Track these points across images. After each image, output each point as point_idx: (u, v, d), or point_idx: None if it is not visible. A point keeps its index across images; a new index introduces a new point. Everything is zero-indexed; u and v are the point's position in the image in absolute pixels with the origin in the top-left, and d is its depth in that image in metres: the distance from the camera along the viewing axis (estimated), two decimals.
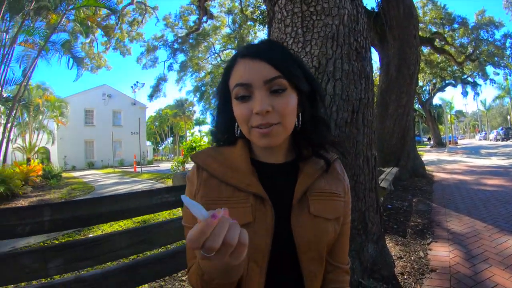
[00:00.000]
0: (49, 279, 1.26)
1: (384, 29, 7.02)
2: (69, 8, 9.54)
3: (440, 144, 29.78)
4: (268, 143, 0.68)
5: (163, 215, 4.36)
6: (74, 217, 1.25)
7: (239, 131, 0.75)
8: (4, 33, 8.52)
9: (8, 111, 9.34)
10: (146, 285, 2.44)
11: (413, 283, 2.24)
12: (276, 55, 0.69)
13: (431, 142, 33.88)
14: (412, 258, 2.70)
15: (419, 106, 31.45)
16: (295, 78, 0.70)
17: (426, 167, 9.11)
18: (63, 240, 3.71)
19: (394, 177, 5.50)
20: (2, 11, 7.67)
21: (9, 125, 9.32)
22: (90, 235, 3.82)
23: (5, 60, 8.51)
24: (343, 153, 0.89)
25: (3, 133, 9.01)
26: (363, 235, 2.01)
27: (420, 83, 27.41)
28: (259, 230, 0.68)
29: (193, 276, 0.67)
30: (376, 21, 7.02)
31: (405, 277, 2.33)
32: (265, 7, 2.93)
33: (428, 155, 17.86)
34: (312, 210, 0.71)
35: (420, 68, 20.44)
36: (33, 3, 8.35)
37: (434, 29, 17.05)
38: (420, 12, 15.99)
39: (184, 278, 2.52)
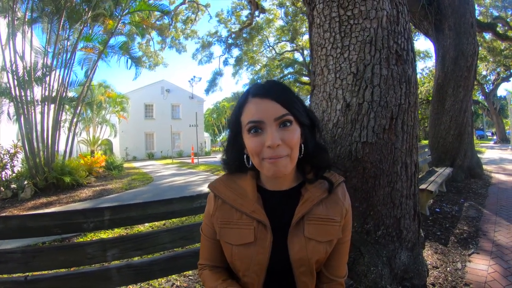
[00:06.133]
0: (106, 264, 1.52)
1: (438, 18, 6.53)
2: (124, 13, 10.18)
3: (504, 140, 26.79)
4: (277, 173, 0.79)
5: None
6: (128, 217, 1.49)
7: (250, 162, 0.87)
8: (66, 41, 9.25)
9: (73, 109, 10.26)
10: (190, 271, 2.64)
11: None
12: (282, 95, 0.80)
13: (495, 137, 30.68)
14: (448, 269, 2.57)
15: (483, 97, 28.77)
16: (298, 113, 0.81)
17: (486, 167, 8.37)
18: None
19: (446, 178, 5.20)
20: (62, 21, 8.44)
21: (74, 120, 10.10)
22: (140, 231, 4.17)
23: (68, 65, 9.30)
24: (344, 170, 0.96)
25: (69, 128, 9.88)
26: (397, 242, 1.99)
27: (484, 73, 24.98)
28: (259, 248, 0.82)
29: (208, 283, 0.89)
30: (430, 9, 6.54)
31: None
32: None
33: (490, 152, 16.20)
34: (306, 233, 0.83)
35: (482, 56, 18.55)
36: (90, 12, 9.03)
37: (495, 13, 15.29)
38: None
39: None
